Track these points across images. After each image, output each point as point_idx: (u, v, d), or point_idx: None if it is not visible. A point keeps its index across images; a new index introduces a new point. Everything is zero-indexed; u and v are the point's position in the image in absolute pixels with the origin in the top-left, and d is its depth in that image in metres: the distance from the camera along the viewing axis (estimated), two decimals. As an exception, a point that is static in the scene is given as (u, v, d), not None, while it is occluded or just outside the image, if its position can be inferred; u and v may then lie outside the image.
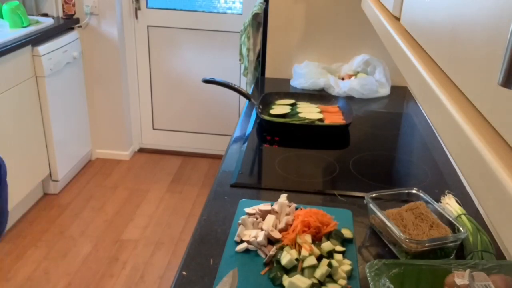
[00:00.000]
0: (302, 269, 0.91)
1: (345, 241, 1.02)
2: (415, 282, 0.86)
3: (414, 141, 1.65)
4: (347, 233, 1.03)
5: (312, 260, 0.91)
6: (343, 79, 2.03)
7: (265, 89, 2.04)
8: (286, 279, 0.89)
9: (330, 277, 0.91)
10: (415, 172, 1.42)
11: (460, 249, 1.00)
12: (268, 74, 2.19)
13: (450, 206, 1.11)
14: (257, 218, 1.06)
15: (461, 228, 0.98)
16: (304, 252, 0.93)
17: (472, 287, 0.78)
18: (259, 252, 0.98)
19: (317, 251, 0.94)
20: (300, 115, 1.65)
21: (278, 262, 0.93)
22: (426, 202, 1.09)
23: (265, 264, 0.95)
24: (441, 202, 1.14)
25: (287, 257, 0.92)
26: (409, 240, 0.95)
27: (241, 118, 1.73)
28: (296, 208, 1.08)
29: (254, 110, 1.75)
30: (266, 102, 1.78)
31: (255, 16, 2.16)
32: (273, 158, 1.44)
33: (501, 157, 0.37)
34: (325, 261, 0.92)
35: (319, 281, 0.89)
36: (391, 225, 0.98)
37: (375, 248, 1.02)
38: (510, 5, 0.38)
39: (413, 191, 1.13)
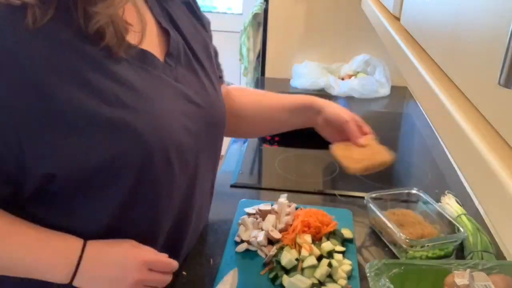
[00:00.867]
0: (302, 269, 0.91)
1: (345, 241, 1.02)
2: (415, 282, 0.86)
3: (414, 141, 1.65)
4: (347, 233, 1.03)
5: (312, 260, 0.91)
6: (343, 79, 2.03)
7: (265, 89, 2.04)
8: (286, 279, 0.89)
9: (330, 277, 0.91)
10: (415, 172, 1.42)
11: (460, 249, 1.00)
12: (268, 74, 2.19)
13: (450, 206, 1.11)
14: (257, 218, 1.06)
15: (461, 228, 0.98)
16: (304, 252, 0.93)
17: (472, 287, 0.78)
18: (259, 252, 0.98)
19: (317, 251, 0.94)
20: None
21: (278, 262, 0.92)
22: (426, 202, 1.09)
23: (265, 264, 0.95)
24: (441, 202, 1.14)
25: (287, 257, 0.92)
26: (409, 240, 0.95)
27: (241, 118, 1.72)
28: (296, 208, 1.08)
29: (254, 110, 1.74)
30: (266, 102, 1.78)
31: (255, 16, 2.16)
32: (273, 158, 1.44)
33: (501, 157, 0.37)
34: (325, 261, 0.91)
35: (319, 281, 0.89)
36: (391, 225, 0.98)
37: (375, 248, 1.02)
38: (510, 5, 0.38)
39: (413, 191, 1.13)
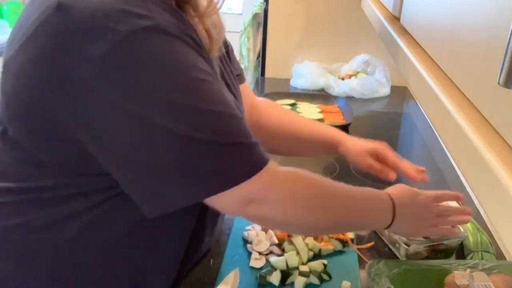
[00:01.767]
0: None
1: (345, 241, 1.02)
2: (415, 282, 0.86)
3: (414, 141, 1.65)
4: (347, 233, 1.03)
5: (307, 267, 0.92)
6: (343, 79, 2.03)
7: (265, 89, 2.04)
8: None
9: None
10: (415, 172, 1.41)
11: (460, 249, 1.00)
12: (268, 74, 2.19)
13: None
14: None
15: (461, 228, 0.98)
16: (304, 253, 0.94)
17: (472, 287, 0.78)
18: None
19: (317, 246, 0.96)
20: (300, 115, 1.65)
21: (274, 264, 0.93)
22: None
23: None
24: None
25: (286, 258, 0.92)
26: (409, 240, 0.95)
27: (241, 118, 1.72)
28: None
29: (254, 110, 1.75)
30: (266, 102, 1.78)
31: (255, 16, 2.16)
32: (273, 158, 1.43)
33: (501, 157, 0.37)
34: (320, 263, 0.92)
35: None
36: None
37: (375, 248, 1.02)
38: (510, 5, 0.38)
39: (413, 191, 1.13)
